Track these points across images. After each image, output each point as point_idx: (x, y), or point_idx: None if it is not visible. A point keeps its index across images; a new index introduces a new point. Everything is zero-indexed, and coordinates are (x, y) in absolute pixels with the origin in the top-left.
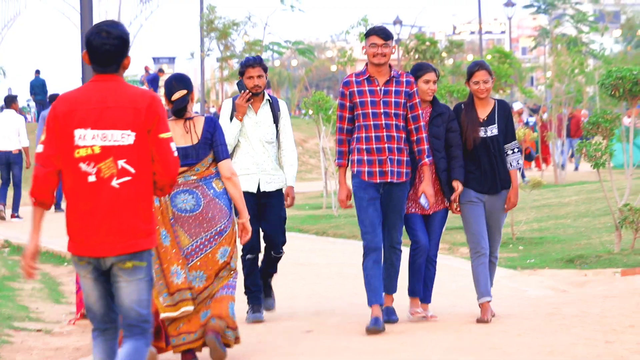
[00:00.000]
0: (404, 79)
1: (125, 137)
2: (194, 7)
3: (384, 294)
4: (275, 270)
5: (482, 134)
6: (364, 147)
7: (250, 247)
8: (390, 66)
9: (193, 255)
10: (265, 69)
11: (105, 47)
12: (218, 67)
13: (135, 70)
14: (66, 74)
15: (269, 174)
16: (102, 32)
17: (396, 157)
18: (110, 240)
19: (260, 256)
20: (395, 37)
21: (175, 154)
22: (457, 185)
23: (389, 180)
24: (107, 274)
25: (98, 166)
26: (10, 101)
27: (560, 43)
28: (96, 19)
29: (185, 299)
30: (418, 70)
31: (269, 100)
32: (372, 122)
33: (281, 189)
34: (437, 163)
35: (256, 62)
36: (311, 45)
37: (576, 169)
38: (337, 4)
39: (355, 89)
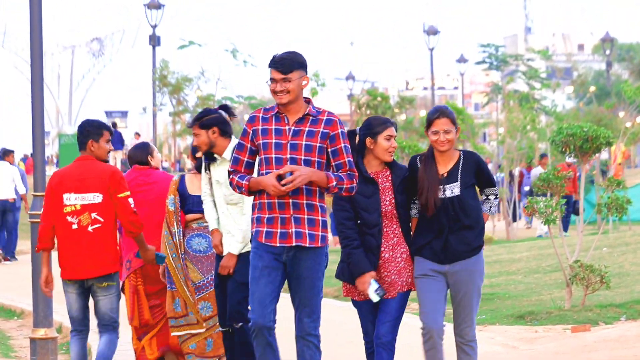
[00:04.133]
0: (324, 118)
1: (96, 197)
2: (147, 61)
3: None
4: None
5: (440, 194)
6: (265, 201)
7: (219, 320)
8: (308, 101)
9: (203, 289)
10: (209, 125)
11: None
12: (170, 121)
13: None
14: (18, 127)
15: (231, 235)
16: (83, 123)
17: (305, 216)
18: (89, 267)
19: None
20: (347, 93)
21: (132, 206)
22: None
23: (293, 243)
24: (88, 290)
25: (79, 218)
26: (5, 154)
27: (512, 99)
28: (49, 73)
29: (190, 323)
30: (377, 126)
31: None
32: (274, 171)
33: (246, 253)
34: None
35: (196, 123)
36: (264, 100)
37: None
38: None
39: (260, 127)
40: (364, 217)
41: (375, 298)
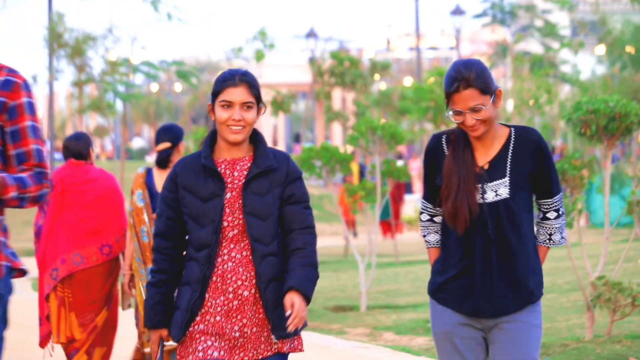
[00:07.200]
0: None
1: None
2: (41, 15)
3: None
4: None
5: (478, 198)
6: None
7: None
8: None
9: None
10: None
11: None
12: (73, 94)
13: None
14: None
15: None
16: None
17: None
18: None
19: None
20: (309, 55)
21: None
22: (293, 301)
23: None
24: None
25: None
26: None
27: (522, 63)
28: None
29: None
30: (216, 84)
31: None
32: None
33: None
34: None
35: None
36: (196, 66)
37: None
38: (236, 13)
39: None
40: (192, 231)
41: None
